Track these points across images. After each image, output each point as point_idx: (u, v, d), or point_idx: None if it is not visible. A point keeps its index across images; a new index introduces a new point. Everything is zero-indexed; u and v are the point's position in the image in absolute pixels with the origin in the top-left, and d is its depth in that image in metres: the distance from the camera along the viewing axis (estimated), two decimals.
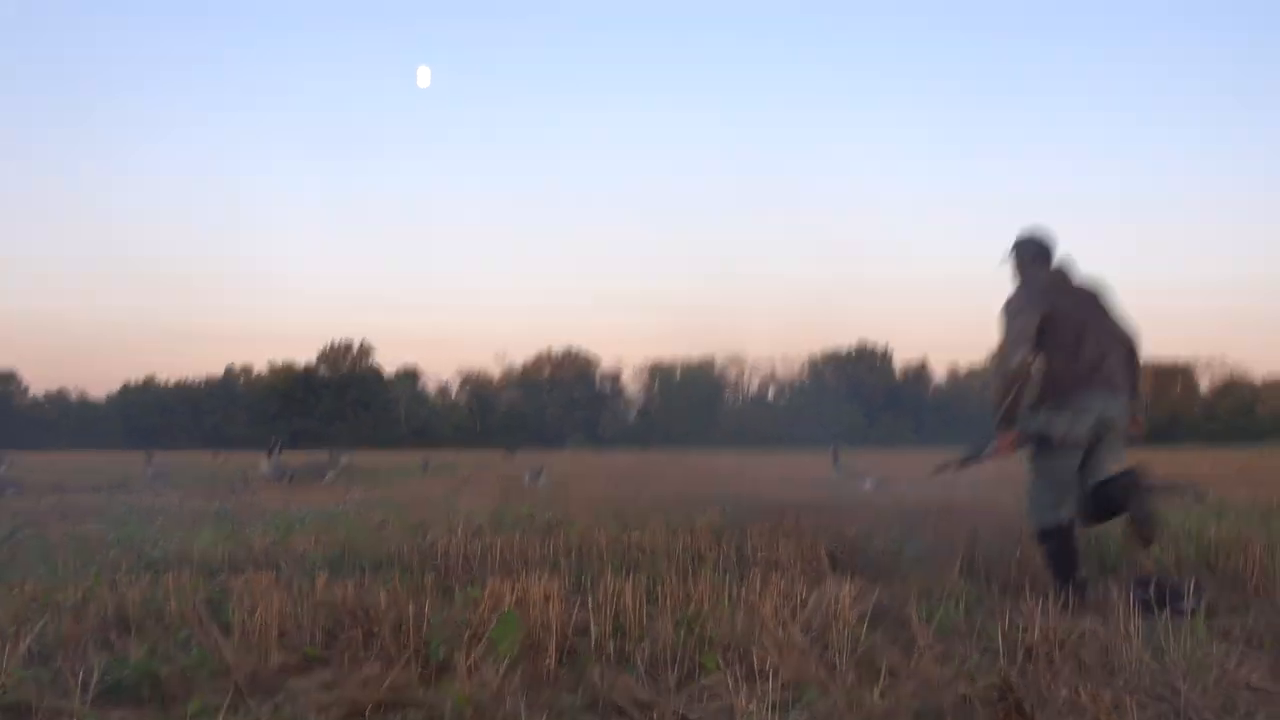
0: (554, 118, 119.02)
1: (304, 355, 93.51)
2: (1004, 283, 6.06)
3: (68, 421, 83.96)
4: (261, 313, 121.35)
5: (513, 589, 4.72)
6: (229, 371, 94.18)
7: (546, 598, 4.52)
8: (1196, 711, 3.72)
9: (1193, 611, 5.07)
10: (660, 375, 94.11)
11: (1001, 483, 15.61)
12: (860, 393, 61.25)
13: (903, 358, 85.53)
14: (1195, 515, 9.02)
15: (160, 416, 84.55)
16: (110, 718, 3.58)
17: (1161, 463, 22.40)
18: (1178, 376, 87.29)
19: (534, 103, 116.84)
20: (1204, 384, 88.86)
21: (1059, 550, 5.73)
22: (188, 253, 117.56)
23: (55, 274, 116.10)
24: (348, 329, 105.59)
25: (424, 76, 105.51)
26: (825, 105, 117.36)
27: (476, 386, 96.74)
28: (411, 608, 4.39)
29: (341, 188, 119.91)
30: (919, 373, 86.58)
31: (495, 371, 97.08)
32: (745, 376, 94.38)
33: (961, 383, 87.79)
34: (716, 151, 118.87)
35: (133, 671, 3.95)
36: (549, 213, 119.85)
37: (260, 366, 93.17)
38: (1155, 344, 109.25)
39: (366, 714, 3.61)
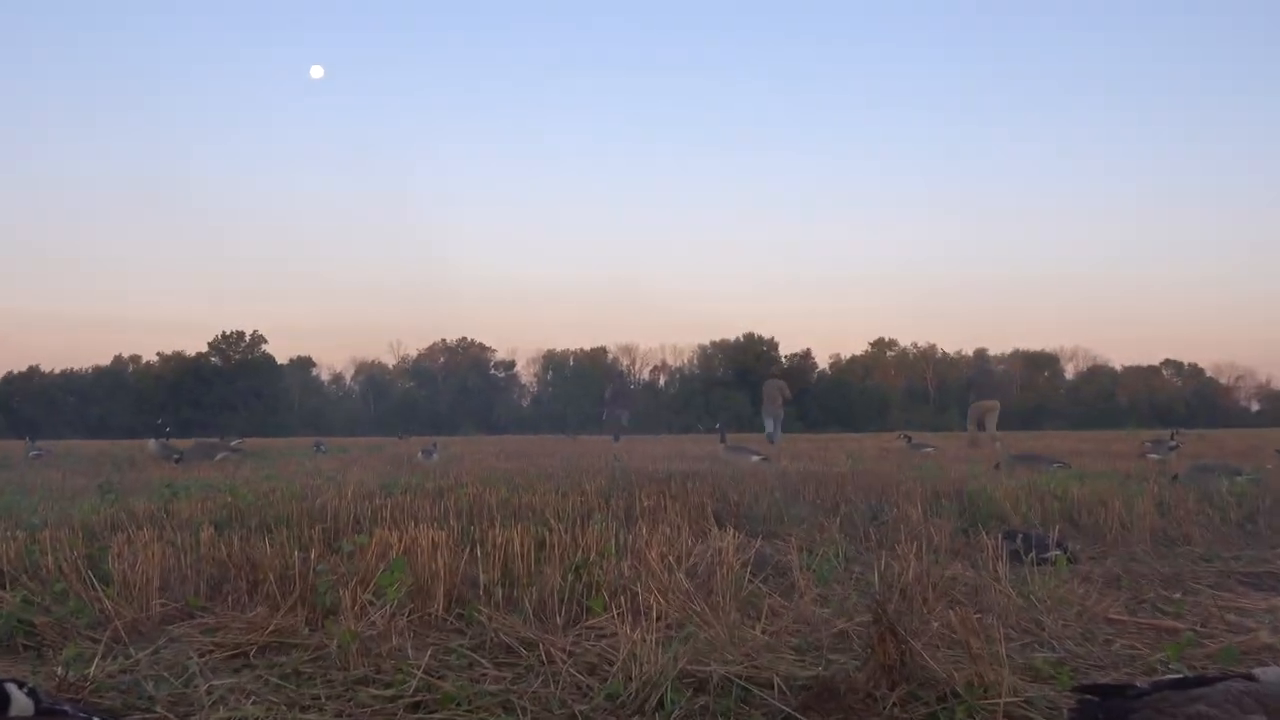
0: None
1: (194, 345, 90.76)
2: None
3: None
4: (150, 303, 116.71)
5: (400, 539, 4.64)
6: (117, 360, 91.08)
7: (435, 546, 4.45)
8: (1059, 640, 3.85)
9: (1056, 559, 5.23)
10: (553, 364, 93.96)
11: (882, 456, 16.04)
12: (748, 380, 62.15)
13: (786, 349, 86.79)
14: (1060, 478, 9.33)
15: (44, 406, 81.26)
16: None
17: (1027, 442, 23.20)
18: (1044, 365, 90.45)
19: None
20: (1068, 372, 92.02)
21: None
22: (76, 240, 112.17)
23: None
24: (239, 319, 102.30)
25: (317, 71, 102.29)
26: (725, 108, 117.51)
27: (371, 375, 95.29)
28: (298, 558, 4.29)
29: (235, 183, 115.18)
30: (803, 361, 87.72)
31: (390, 360, 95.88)
32: (636, 366, 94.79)
33: (844, 371, 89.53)
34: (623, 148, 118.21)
35: (5, 621, 3.78)
36: (430, 204, 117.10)
37: (149, 356, 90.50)
38: (1024, 335, 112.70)
39: (251, 655, 3.51)
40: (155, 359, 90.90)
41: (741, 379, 74.65)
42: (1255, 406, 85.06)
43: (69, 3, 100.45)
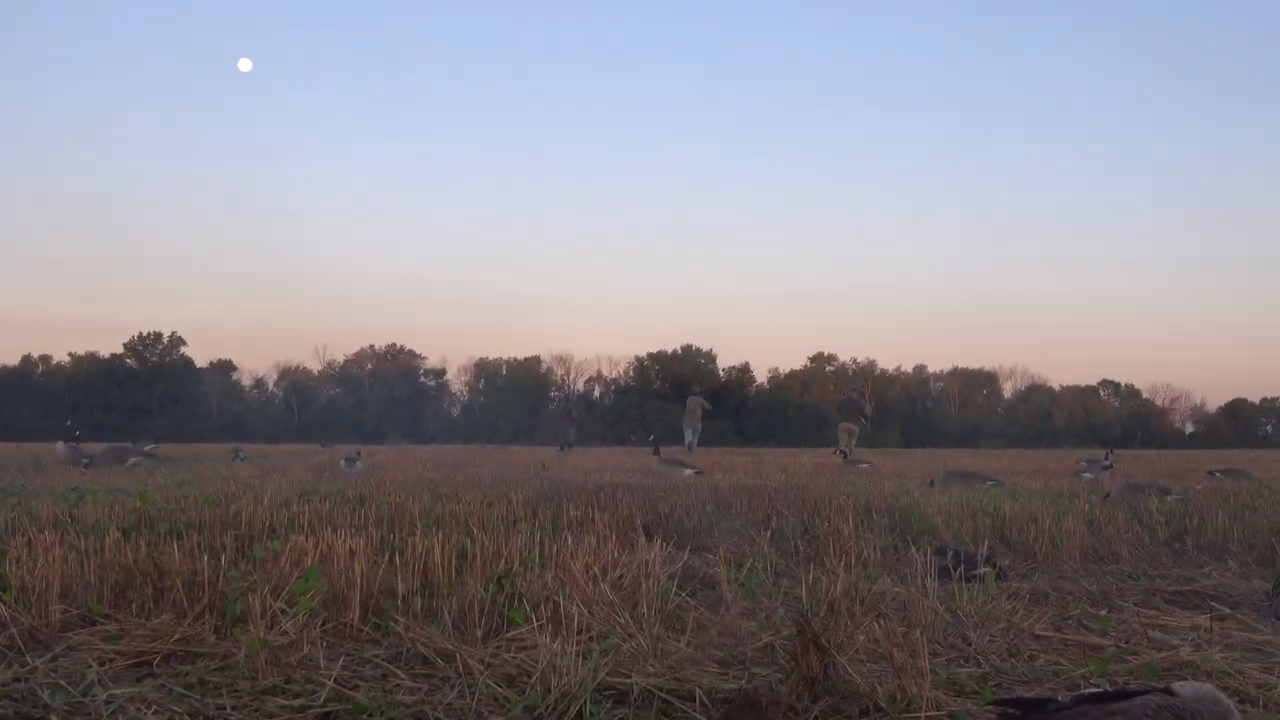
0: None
1: (108, 346, 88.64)
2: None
3: None
4: (63, 301, 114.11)
5: (316, 546, 4.59)
6: (25, 360, 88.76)
7: (351, 554, 4.41)
8: (984, 656, 3.91)
9: (985, 575, 5.32)
10: (485, 373, 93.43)
11: (818, 471, 16.18)
12: (686, 393, 62.37)
13: (725, 362, 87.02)
14: (993, 495, 9.48)
15: None
16: None
17: (964, 460, 23.55)
18: (982, 384, 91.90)
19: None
20: (1007, 391, 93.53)
21: None
22: None
23: None
24: (157, 320, 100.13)
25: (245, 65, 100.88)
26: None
27: (295, 381, 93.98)
28: (208, 563, 4.23)
29: (156, 177, 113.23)
30: (741, 375, 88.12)
31: (315, 366, 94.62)
32: (571, 376, 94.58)
33: (782, 385, 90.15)
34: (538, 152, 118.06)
35: None
36: (370, 201, 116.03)
37: (61, 356, 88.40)
38: (964, 354, 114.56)
39: (155, 665, 3.45)
40: (67, 359, 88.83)
41: (678, 392, 74.88)
42: (1189, 428, 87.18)
43: None
